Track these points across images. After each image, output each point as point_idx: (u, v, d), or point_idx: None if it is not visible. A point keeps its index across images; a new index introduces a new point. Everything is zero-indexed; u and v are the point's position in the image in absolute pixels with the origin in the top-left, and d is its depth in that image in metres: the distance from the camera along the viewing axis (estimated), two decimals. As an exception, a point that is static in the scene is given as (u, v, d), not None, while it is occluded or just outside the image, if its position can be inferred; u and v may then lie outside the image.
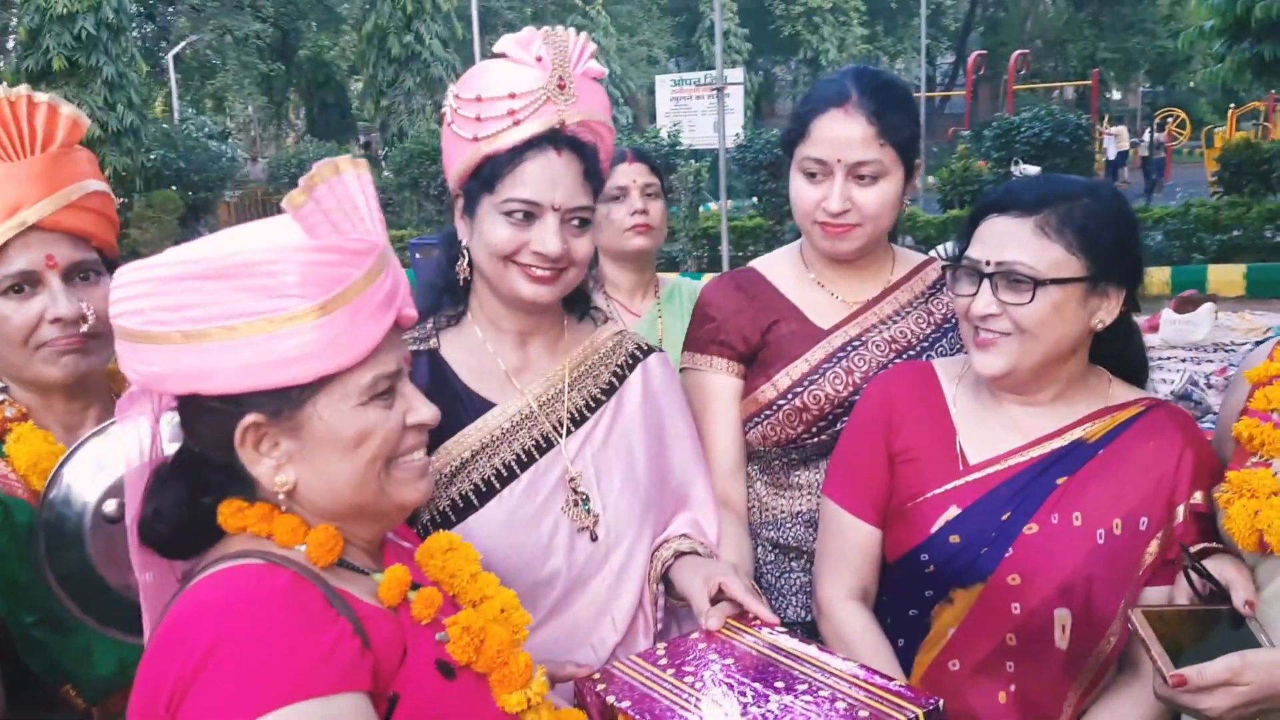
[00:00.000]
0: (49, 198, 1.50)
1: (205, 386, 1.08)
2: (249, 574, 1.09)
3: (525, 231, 1.60)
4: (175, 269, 1.08)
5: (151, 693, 1.04)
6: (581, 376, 1.77)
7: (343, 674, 1.05)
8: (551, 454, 1.69)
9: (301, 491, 1.14)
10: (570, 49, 1.62)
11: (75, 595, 1.41)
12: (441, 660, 1.18)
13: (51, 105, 1.54)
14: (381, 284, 1.13)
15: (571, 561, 1.66)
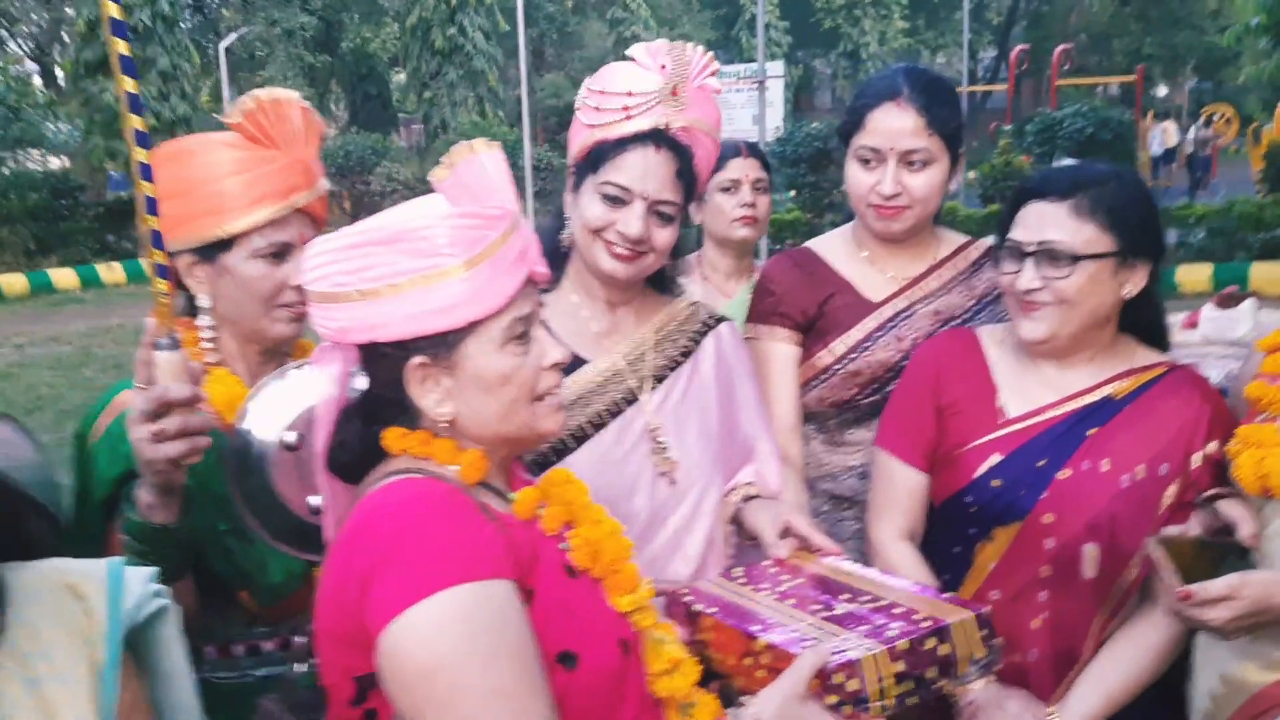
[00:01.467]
0: (311, 188, 1.77)
1: (380, 335, 1.30)
2: (417, 483, 1.32)
3: (615, 212, 1.83)
4: (351, 240, 1.30)
5: (343, 578, 1.26)
6: (662, 341, 2.00)
7: (497, 563, 1.26)
8: (635, 407, 1.93)
9: (458, 422, 1.36)
10: (691, 63, 1.84)
11: (256, 512, 1.64)
12: (566, 564, 1.40)
13: (306, 109, 1.80)
14: (515, 243, 1.35)
15: (652, 501, 1.90)
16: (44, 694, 1.11)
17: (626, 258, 1.86)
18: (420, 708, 1.20)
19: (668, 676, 1.42)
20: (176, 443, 1.43)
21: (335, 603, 1.27)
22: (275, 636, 1.74)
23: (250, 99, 1.77)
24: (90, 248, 18.72)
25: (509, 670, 1.21)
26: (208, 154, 1.73)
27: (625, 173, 1.82)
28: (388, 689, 1.23)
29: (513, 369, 1.35)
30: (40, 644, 1.14)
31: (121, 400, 1.69)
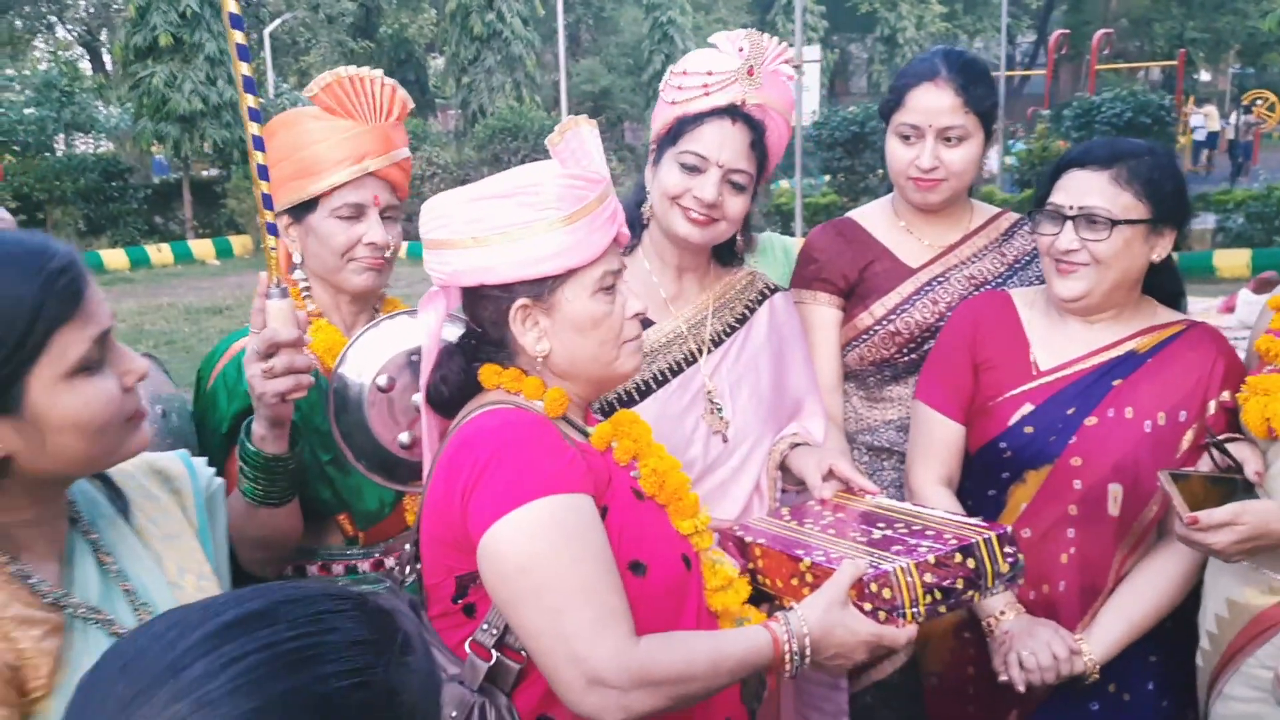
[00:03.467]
0: (386, 155, 1.93)
1: (488, 279, 1.49)
2: (512, 412, 1.50)
3: (691, 179, 2.01)
4: (472, 193, 1.49)
5: (448, 490, 1.44)
6: (721, 307, 2.17)
7: (580, 480, 1.44)
8: (694, 368, 2.10)
9: (552, 358, 1.54)
10: (767, 49, 2.03)
11: (352, 445, 1.83)
12: (635, 489, 1.57)
13: (393, 86, 1.97)
14: (607, 206, 1.53)
15: (705, 455, 2.07)
16: (174, 548, 1.34)
17: (701, 222, 2.03)
18: (515, 600, 1.38)
19: (722, 591, 1.59)
20: (284, 379, 1.61)
21: (440, 512, 1.46)
22: (369, 557, 1.94)
23: (330, 74, 1.94)
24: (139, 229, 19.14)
25: (591, 569, 1.38)
26: (297, 125, 1.92)
27: (702, 143, 1.99)
28: (486, 584, 1.41)
29: (602, 314, 1.52)
30: (153, 515, 1.36)
31: (235, 347, 1.89)
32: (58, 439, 1.12)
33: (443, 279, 1.55)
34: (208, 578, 1.36)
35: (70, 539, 1.23)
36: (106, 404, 1.15)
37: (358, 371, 1.84)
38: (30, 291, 1.08)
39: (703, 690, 1.43)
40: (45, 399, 1.10)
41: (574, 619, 1.35)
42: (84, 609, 1.17)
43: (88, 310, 1.13)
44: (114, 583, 1.23)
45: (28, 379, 1.08)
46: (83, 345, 1.12)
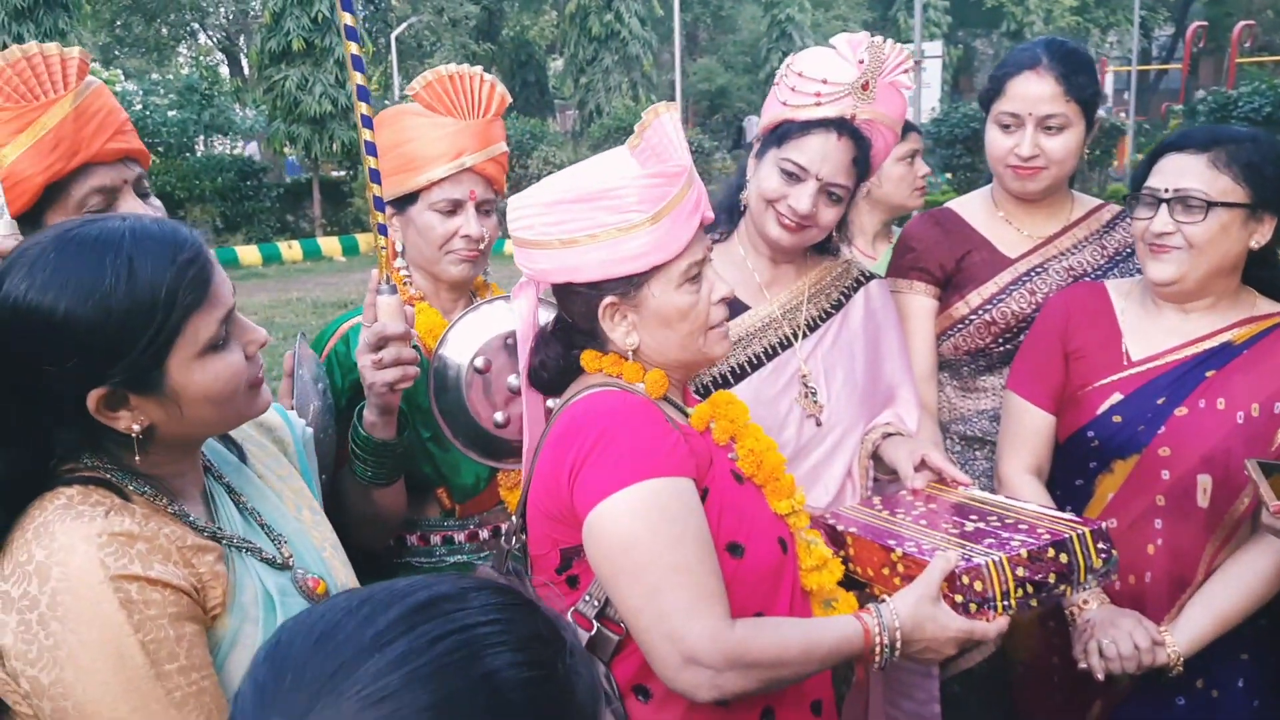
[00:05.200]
0: (482, 150, 2.01)
1: (576, 277, 1.55)
2: (616, 395, 1.56)
3: (789, 187, 2.03)
4: (553, 197, 1.54)
5: (555, 467, 1.51)
6: (817, 294, 2.20)
7: (682, 463, 1.49)
8: (789, 352, 2.14)
9: (642, 350, 1.59)
10: (886, 60, 2.02)
11: (451, 423, 1.93)
12: (734, 471, 1.61)
13: (492, 82, 2.06)
14: (691, 196, 1.57)
15: (799, 438, 2.10)
16: (287, 487, 1.50)
17: (792, 229, 2.06)
18: (616, 576, 1.44)
19: (816, 572, 1.63)
20: (392, 370, 1.71)
21: (548, 487, 1.53)
22: (464, 529, 2.05)
23: (431, 73, 2.04)
24: (272, 226, 20.00)
25: (690, 550, 1.43)
26: (399, 122, 2.02)
27: (805, 153, 2.01)
28: (590, 560, 1.48)
29: (689, 305, 1.57)
30: (265, 460, 1.51)
31: (344, 327, 2.02)
32: (193, 410, 1.25)
33: (532, 275, 1.62)
34: (318, 512, 1.52)
35: (208, 484, 1.37)
36: (234, 376, 1.27)
37: (457, 353, 1.94)
38: (165, 283, 1.19)
39: (793, 675, 1.48)
40: (182, 377, 1.22)
41: (671, 599, 1.40)
42: (236, 539, 1.32)
43: (215, 294, 1.24)
44: (250, 517, 1.39)
45: (167, 362, 1.21)
46: (212, 327, 1.24)
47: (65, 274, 1.17)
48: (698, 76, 29.95)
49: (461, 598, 0.77)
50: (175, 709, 1.15)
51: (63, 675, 1.12)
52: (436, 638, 0.73)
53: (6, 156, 1.57)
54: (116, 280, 1.17)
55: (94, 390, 1.19)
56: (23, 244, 1.24)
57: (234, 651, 1.25)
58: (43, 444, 1.24)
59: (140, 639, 1.13)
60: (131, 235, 1.21)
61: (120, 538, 1.16)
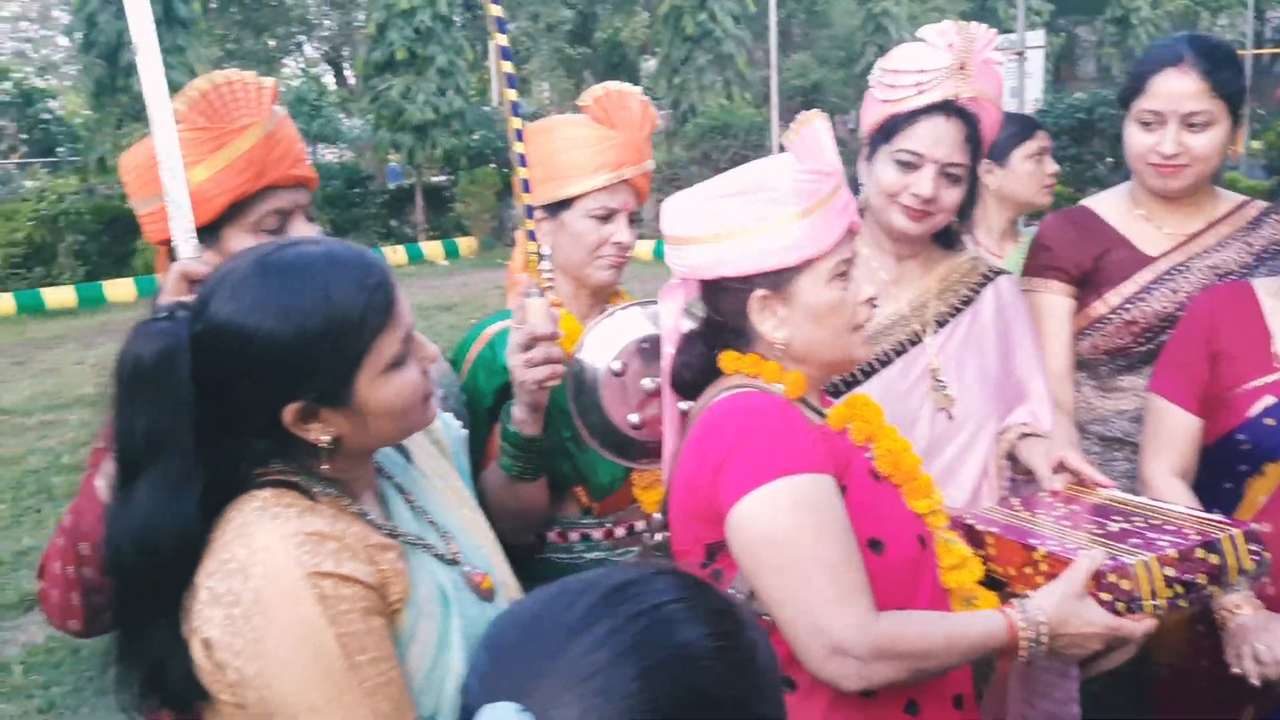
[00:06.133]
0: (639, 164, 2.10)
1: (727, 271, 1.58)
2: (756, 395, 1.59)
3: (908, 176, 2.05)
4: (711, 191, 1.58)
5: (698, 465, 1.54)
6: (944, 290, 2.20)
7: (823, 460, 1.51)
8: (918, 348, 2.15)
9: (791, 345, 1.61)
10: (976, 40, 2.05)
11: (588, 424, 1.98)
12: (871, 470, 1.63)
13: (646, 101, 2.13)
14: (840, 197, 1.60)
15: (931, 432, 2.10)
16: (449, 486, 1.58)
17: (918, 216, 2.08)
18: (761, 571, 1.47)
19: (955, 570, 1.63)
20: (541, 368, 1.78)
21: (690, 485, 1.57)
22: (601, 527, 2.11)
23: (600, 88, 2.12)
24: (377, 232, 20.53)
25: (833, 545, 1.46)
26: (563, 131, 2.09)
27: (917, 140, 2.04)
28: (734, 555, 1.51)
29: (839, 301, 1.59)
30: (427, 461, 1.59)
31: (488, 333, 2.10)
32: (376, 423, 1.33)
33: (683, 272, 1.66)
34: (476, 510, 1.60)
35: (380, 484, 1.45)
36: (413, 391, 1.35)
37: (594, 356, 1.99)
38: (357, 306, 1.27)
39: (938, 667, 1.49)
40: (368, 392, 1.30)
41: (817, 591, 1.43)
42: (411, 536, 1.39)
43: (398, 315, 1.32)
44: (420, 515, 1.46)
45: (356, 379, 1.29)
46: (395, 346, 1.31)
47: (266, 297, 1.25)
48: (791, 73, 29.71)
49: (646, 581, 0.85)
50: (367, 698, 1.21)
51: (266, 666, 1.19)
52: (632, 616, 0.81)
53: (198, 175, 1.67)
54: (313, 304, 1.25)
55: (290, 405, 1.27)
56: (223, 267, 1.33)
57: (413, 644, 1.31)
58: (239, 453, 1.33)
59: (335, 632, 1.20)
60: (326, 261, 1.29)
61: (313, 537, 1.24)
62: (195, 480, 1.25)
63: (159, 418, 1.24)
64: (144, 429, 1.24)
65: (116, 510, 1.27)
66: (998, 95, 2.11)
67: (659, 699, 0.78)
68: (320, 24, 31.60)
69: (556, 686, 0.78)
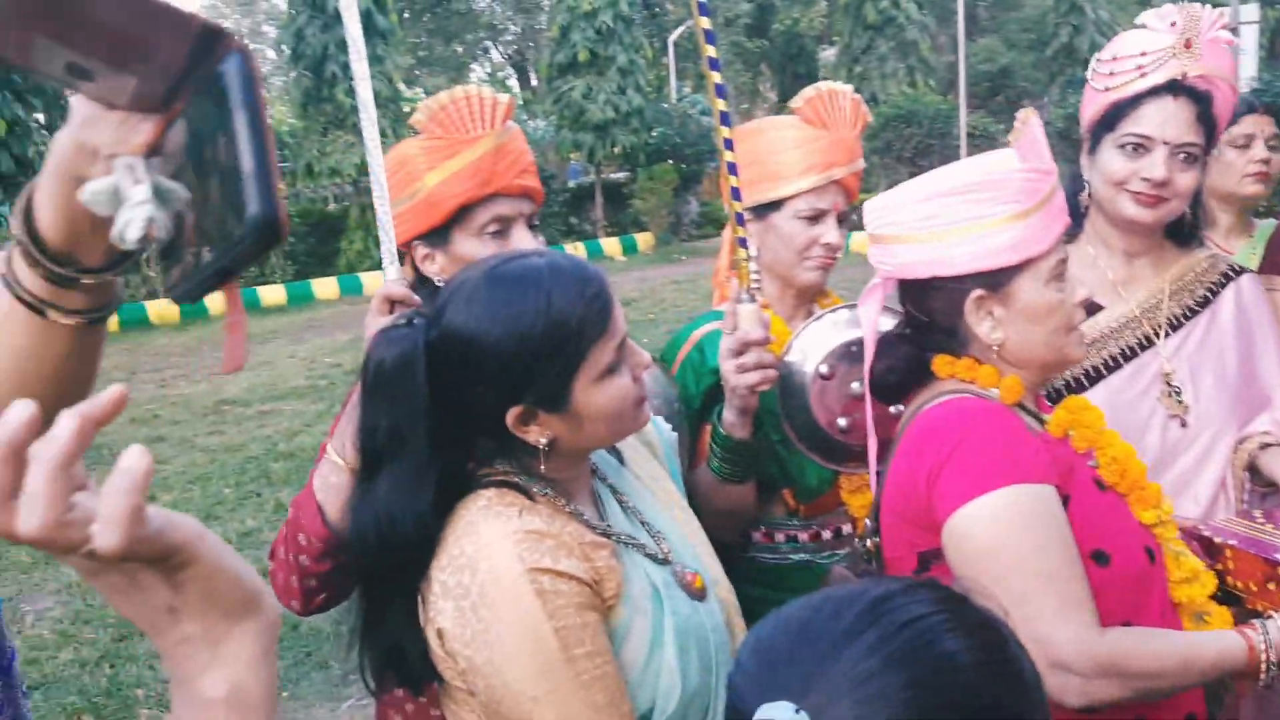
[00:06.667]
0: (848, 164, 2.10)
1: (941, 270, 1.56)
2: (973, 401, 1.56)
3: (1137, 161, 1.98)
4: (926, 190, 1.57)
5: (912, 472, 1.53)
6: (1179, 291, 2.10)
7: (1044, 470, 1.47)
8: (1150, 352, 2.05)
9: (1006, 347, 1.57)
10: (1202, 19, 1.96)
11: (795, 427, 2.00)
12: (1095, 479, 1.58)
13: (857, 99, 2.13)
14: (1058, 197, 1.57)
15: (1163, 442, 2.00)
16: (660, 487, 1.62)
17: (1150, 201, 1.99)
18: (979, 581, 1.45)
19: (1187, 584, 1.56)
20: (753, 373, 1.80)
21: (904, 491, 1.56)
22: (807, 529, 2.11)
23: (812, 89, 2.12)
24: (558, 229, 21.06)
25: (1055, 557, 1.42)
26: (774, 132, 2.11)
27: (1145, 123, 1.96)
28: (950, 564, 1.49)
29: (1056, 302, 1.55)
30: (640, 463, 1.64)
31: (696, 335, 2.14)
32: (591, 426, 1.39)
33: (890, 271, 1.64)
34: (687, 510, 1.64)
35: (595, 486, 1.52)
36: (625, 397, 1.40)
37: (802, 360, 2.00)
38: (576, 316, 1.33)
39: (1168, 687, 1.44)
40: (583, 398, 1.36)
41: (1037, 604, 1.40)
42: (624, 535, 1.44)
43: (614, 324, 1.37)
44: (632, 515, 1.51)
45: (573, 384, 1.35)
46: (610, 354, 1.37)
47: (494, 307, 1.33)
48: (978, 58, 28.66)
49: (908, 593, 0.89)
50: (583, 690, 1.26)
51: (492, 656, 1.26)
52: (900, 625, 0.84)
53: (431, 180, 1.79)
54: (535, 313, 1.32)
55: (512, 408, 1.35)
56: (457, 277, 1.42)
57: (628, 640, 1.35)
58: (467, 451, 1.42)
59: (553, 625, 1.26)
60: (549, 272, 1.35)
61: (532, 535, 1.30)
62: (430, 475, 1.34)
63: (398, 417, 1.33)
64: (385, 427, 1.34)
65: (360, 499, 1.37)
66: (1230, 74, 2.00)
67: (927, 706, 0.80)
68: (506, 29, 32.66)
69: (831, 690, 0.81)
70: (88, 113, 0.81)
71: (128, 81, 0.75)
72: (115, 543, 0.60)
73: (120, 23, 0.69)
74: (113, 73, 0.74)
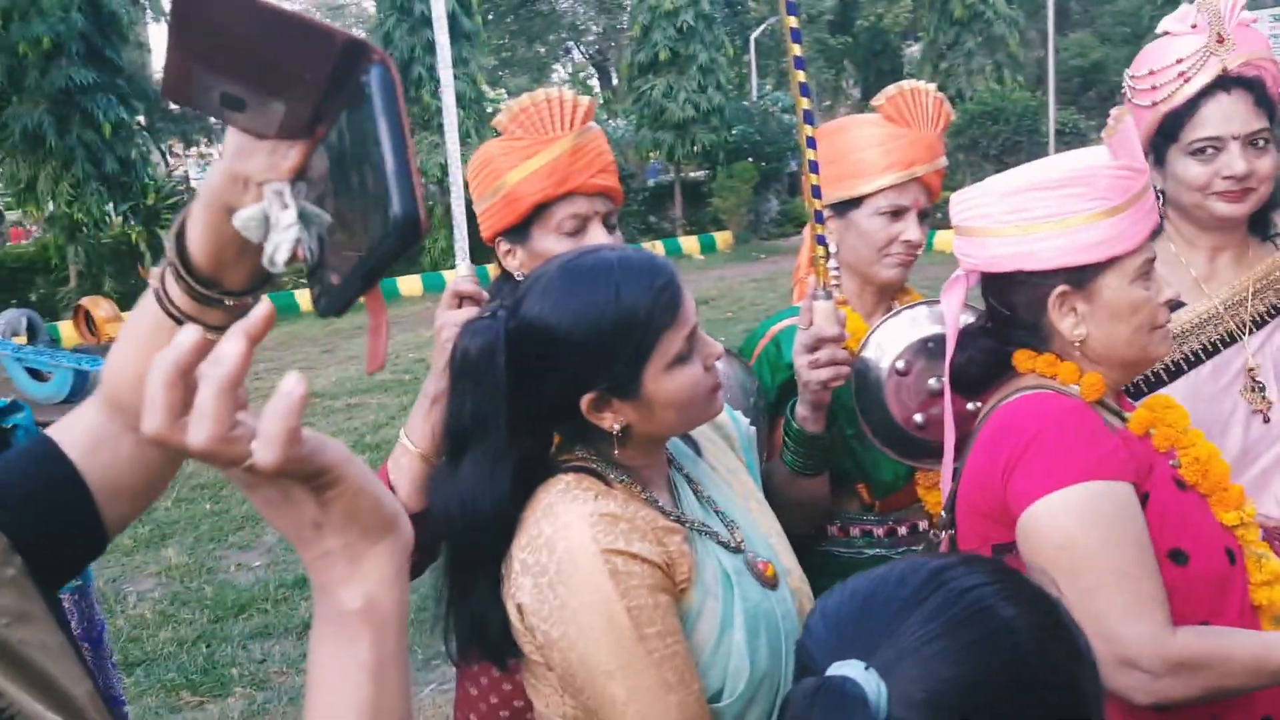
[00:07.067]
0: (930, 162, 2.10)
1: (1027, 264, 1.55)
2: (1053, 397, 1.56)
3: (1214, 162, 1.97)
4: (1014, 184, 1.57)
5: (989, 465, 1.54)
6: (1264, 288, 2.07)
7: (1121, 467, 1.47)
8: (1234, 348, 2.03)
9: (1088, 343, 1.57)
10: (1223, 9, 1.96)
11: (870, 422, 2.01)
12: (1176, 478, 1.57)
13: (939, 98, 2.14)
14: (1148, 196, 1.55)
15: (1245, 438, 1.98)
16: (736, 479, 1.67)
17: (1238, 196, 1.99)
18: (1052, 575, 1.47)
19: (1267, 587, 1.55)
20: (827, 369, 1.82)
21: (980, 484, 1.57)
22: (883, 524, 2.12)
23: (894, 87, 2.14)
24: (637, 228, 21.18)
25: (1128, 554, 1.43)
26: (856, 130, 2.13)
27: (1208, 125, 1.96)
28: (1024, 557, 1.49)
29: (1141, 300, 1.55)
30: (716, 455, 1.68)
31: (773, 330, 2.17)
32: (662, 413, 1.43)
33: (974, 264, 1.65)
34: (762, 502, 1.68)
35: (671, 474, 1.56)
36: (695, 385, 1.43)
37: (878, 355, 2.01)
38: (645, 306, 1.38)
39: (1239, 687, 1.42)
40: (654, 385, 1.40)
41: (1108, 600, 1.40)
42: (697, 523, 1.49)
43: (683, 315, 1.41)
44: (707, 505, 1.55)
45: (643, 372, 1.39)
46: (679, 343, 1.40)
47: (567, 298, 1.38)
48: (1069, 52, 27.98)
49: (964, 565, 0.94)
50: (655, 668, 1.30)
51: (567, 631, 1.32)
52: (960, 591, 0.90)
53: (512, 178, 1.85)
54: (606, 303, 1.37)
55: (585, 395, 1.40)
56: (535, 271, 1.48)
57: (699, 622, 1.39)
58: (546, 436, 1.48)
59: (625, 605, 1.30)
60: (619, 265, 1.40)
61: (607, 518, 1.35)
62: (509, 459, 1.40)
63: (481, 402, 1.40)
64: (469, 412, 1.41)
65: (445, 480, 1.44)
66: (1268, 51, 2.01)
67: (988, 669, 0.86)
68: (588, 29, 32.90)
69: (897, 651, 0.87)
70: (239, 144, 0.85)
71: (277, 110, 0.77)
72: (273, 459, 0.65)
73: (267, 43, 0.72)
74: (262, 100, 0.77)
